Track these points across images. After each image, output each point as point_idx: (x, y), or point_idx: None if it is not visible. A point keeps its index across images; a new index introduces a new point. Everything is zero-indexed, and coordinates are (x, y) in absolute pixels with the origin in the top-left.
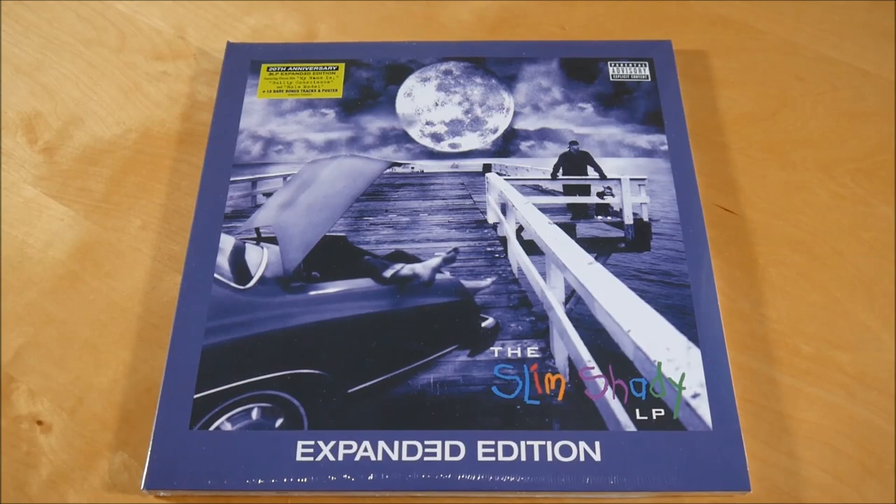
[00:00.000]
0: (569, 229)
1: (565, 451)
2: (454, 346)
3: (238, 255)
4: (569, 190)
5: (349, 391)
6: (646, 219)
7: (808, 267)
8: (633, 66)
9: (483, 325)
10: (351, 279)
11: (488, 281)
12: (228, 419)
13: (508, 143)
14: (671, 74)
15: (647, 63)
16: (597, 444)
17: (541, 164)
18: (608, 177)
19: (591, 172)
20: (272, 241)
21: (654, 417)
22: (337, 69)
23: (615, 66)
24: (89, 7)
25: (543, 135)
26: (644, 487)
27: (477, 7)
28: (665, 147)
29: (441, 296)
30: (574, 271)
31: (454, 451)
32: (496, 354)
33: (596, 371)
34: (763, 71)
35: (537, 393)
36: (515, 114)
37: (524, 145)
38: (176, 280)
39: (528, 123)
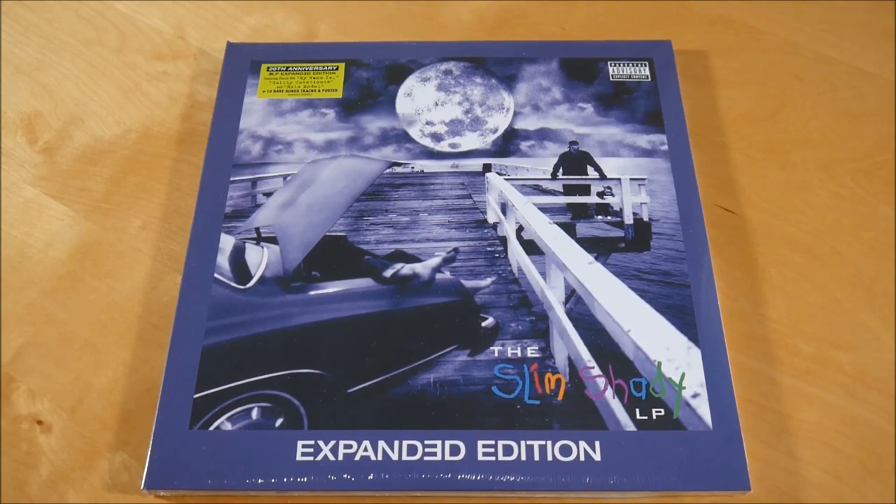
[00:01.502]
0: (569, 229)
1: (565, 450)
2: (454, 346)
3: (238, 255)
4: (569, 190)
5: (349, 391)
6: (646, 219)
7: (808, 267)
8: (633, 66)
9: (483, 324)
10: (351, 279)
11: (488, 281)
12: (228, 419)
13: (508, 143)
14: (671, 74)
15: (647, 63)
16: (597, 443)
17: (541, 164)
18: (608, 177)
19: (591, 172)
20: (272, 240)
21: (654, 417)
22: (337, 69)
23: (615, 66)
24: (89, 7)
25: (543, 135)
26: (644, 487)
27: (477, 7)
28: (665, 147)
29: (441, 296)
30: (574, 271)
31: (454, 450)
32: (496, 354)
33: (596, 371)
34: (763, 71)
35: (537, 393)
36: (515, 114)
37: (524, 145)
38: (176, 280)
39: (528, 123)
